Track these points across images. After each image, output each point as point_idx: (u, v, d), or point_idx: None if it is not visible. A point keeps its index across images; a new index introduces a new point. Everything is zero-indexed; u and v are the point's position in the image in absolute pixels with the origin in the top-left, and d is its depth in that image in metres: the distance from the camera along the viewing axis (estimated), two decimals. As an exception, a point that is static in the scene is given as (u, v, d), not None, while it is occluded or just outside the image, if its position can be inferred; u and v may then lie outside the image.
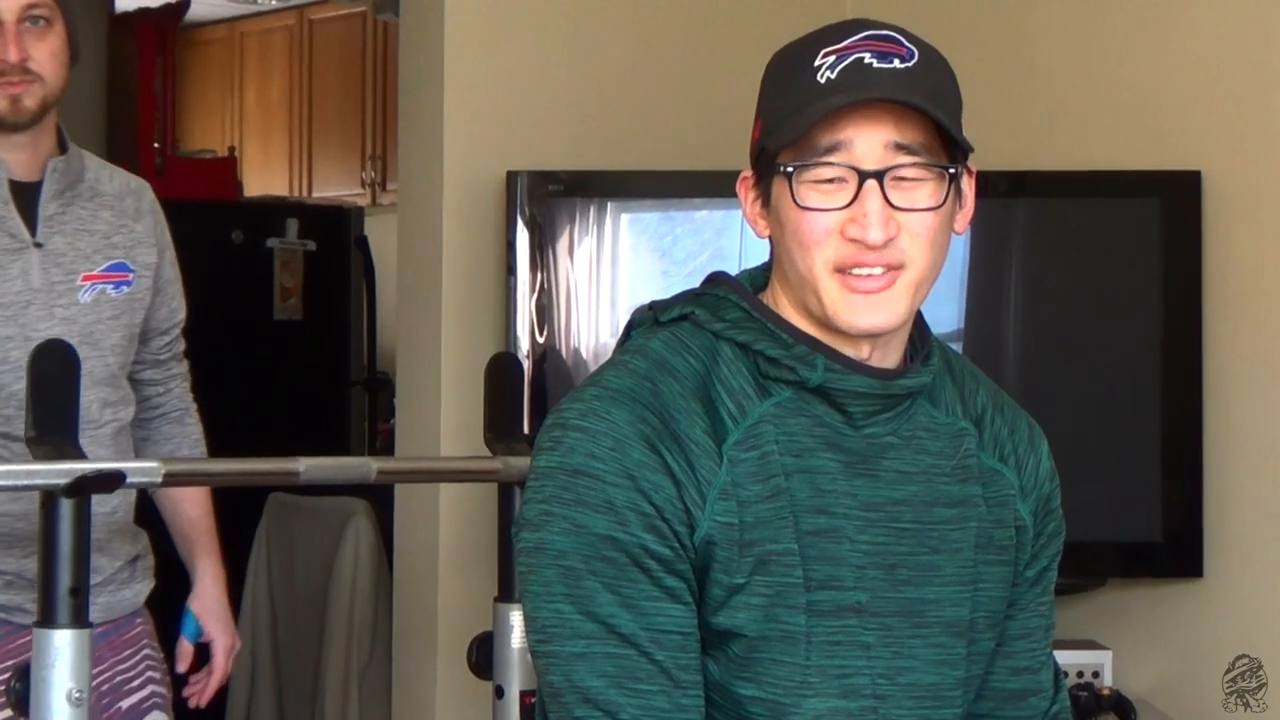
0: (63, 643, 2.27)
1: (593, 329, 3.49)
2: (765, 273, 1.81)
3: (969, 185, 1.77)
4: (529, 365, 3.38)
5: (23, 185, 2.74)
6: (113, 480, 2.35)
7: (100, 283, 2.78)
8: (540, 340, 3.44)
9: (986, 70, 3.61)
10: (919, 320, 1.81)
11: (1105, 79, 3.58)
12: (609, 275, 3.49)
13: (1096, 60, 3.59)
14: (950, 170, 1.71)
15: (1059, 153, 3.59)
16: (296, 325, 5.99)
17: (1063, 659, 2.08)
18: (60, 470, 2.29)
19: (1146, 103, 3.51)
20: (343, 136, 7.56)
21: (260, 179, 7.59)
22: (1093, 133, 3.58)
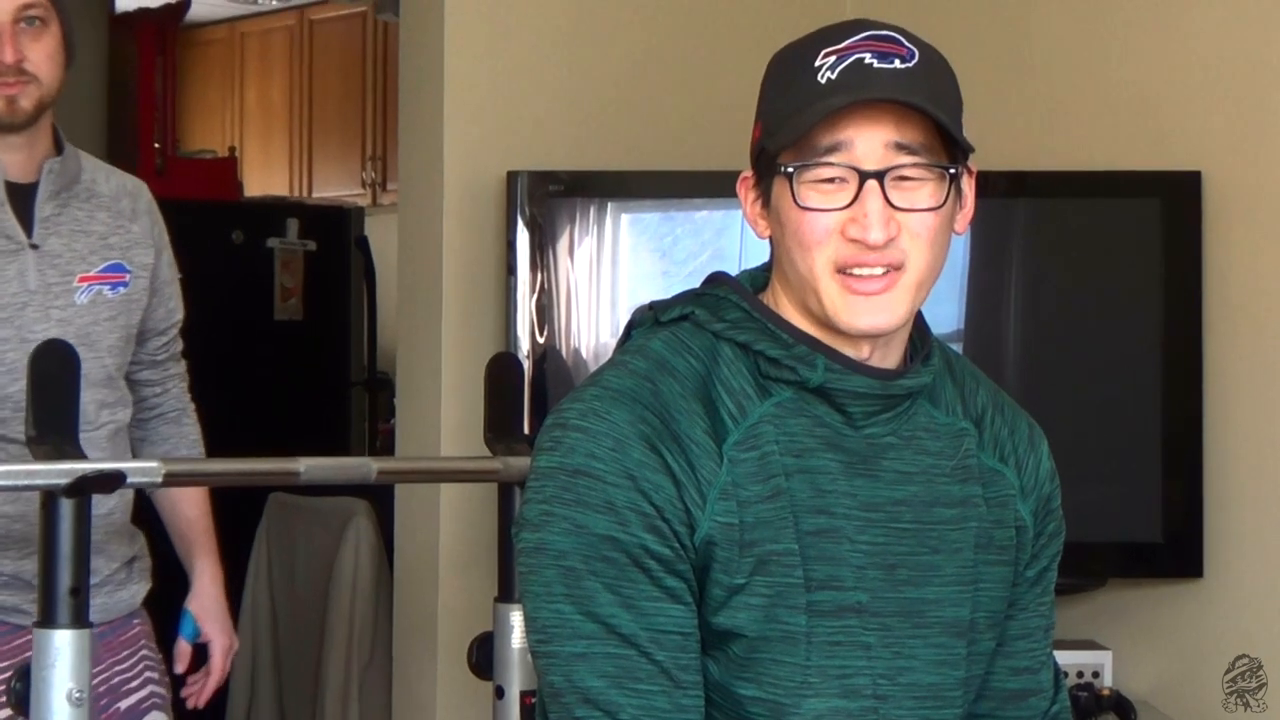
0: (63, 643, 2.27)
1: (593, 329, 3.49)
2: (765, 273, 1.81)
3: (969, 185, 1.77)
4: (529, 365, 3.38)
5: (19, 187, 2.73)
6: (113, 480, 2.35)
7: (97, 284, 2.77)
8: (540, 340, 3.43)
9: (987, 70, 3.61)
10: (919, 320, 1.81)
11: (1106, 79, 3.57)
12: (609, 275, 3.49)
13: (1097, 60, 3.59)
14: (951, 170, 1.71)
15: (1059, 153, 3.59)
16: (297, 325, 5.99)
17: (1063, 659, 2.08)
18: (61, 470, 2.28)
19: (1147, 103, 3.51)
20: (343, 137, 7.56)
21: (260, 179, 7.59)
22: (1093, 133, 3.58)
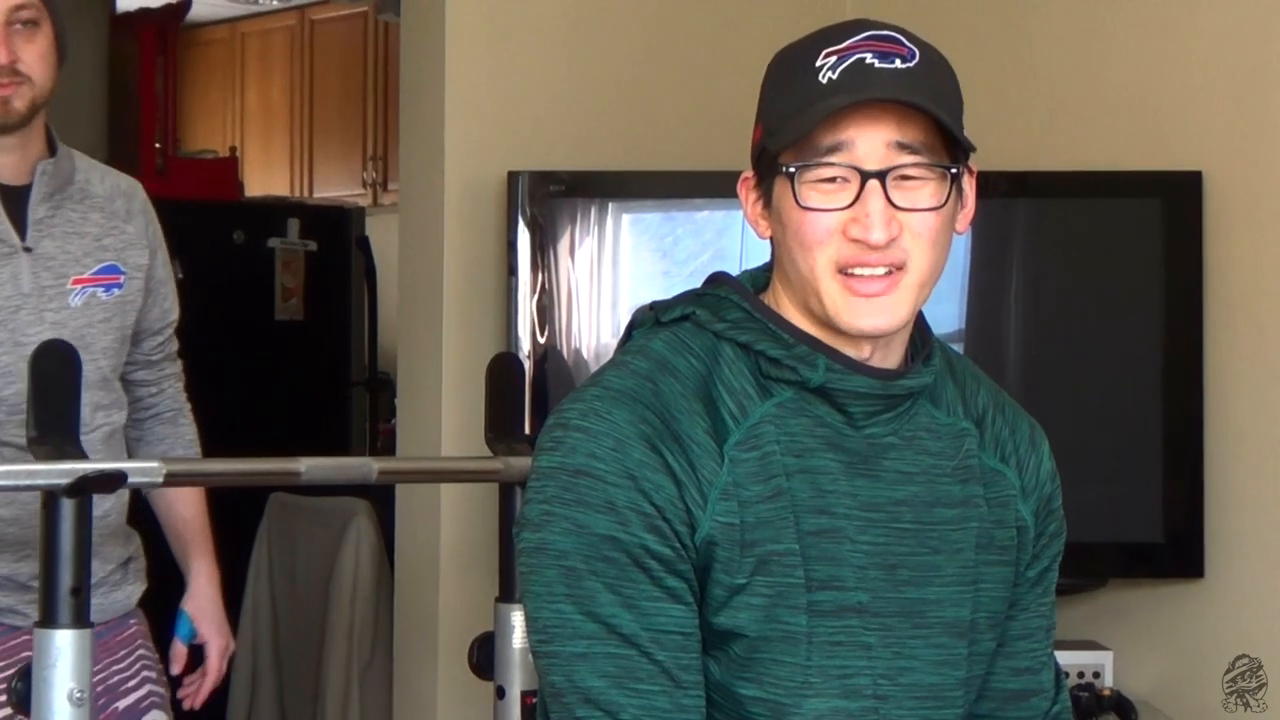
0: (64, 643, 2.27)
1: (594, 329, 3.49)
2: (766, 273, 1.81)
3: (970, 185, 1.77)
4: (530, 365, 3.38)
5: (11, 189, 2.71)
6: (115, 480, 2.35)
7: (91, 286, 2.75)
8: (541, 340, 3.43)
9: (987, 70, 3.61)
10: (920, 320, 1.81)
11: (1106, 79, 3.57)
12: (610, 275, 3.49)
13: (1097, 61, 3.59)
14: (952, 170, 1.71)
15: (1060, 153, 3.59)
16: (297, 325, 5.99)
17: (1064, 659, 2.08)
18: (62, 470, 2.28)
19: (1147, 103, 3.51)
20: (344, 137, 7.56)
21: (261, 179, 7.59)
22: (1094, 133, 3.58)
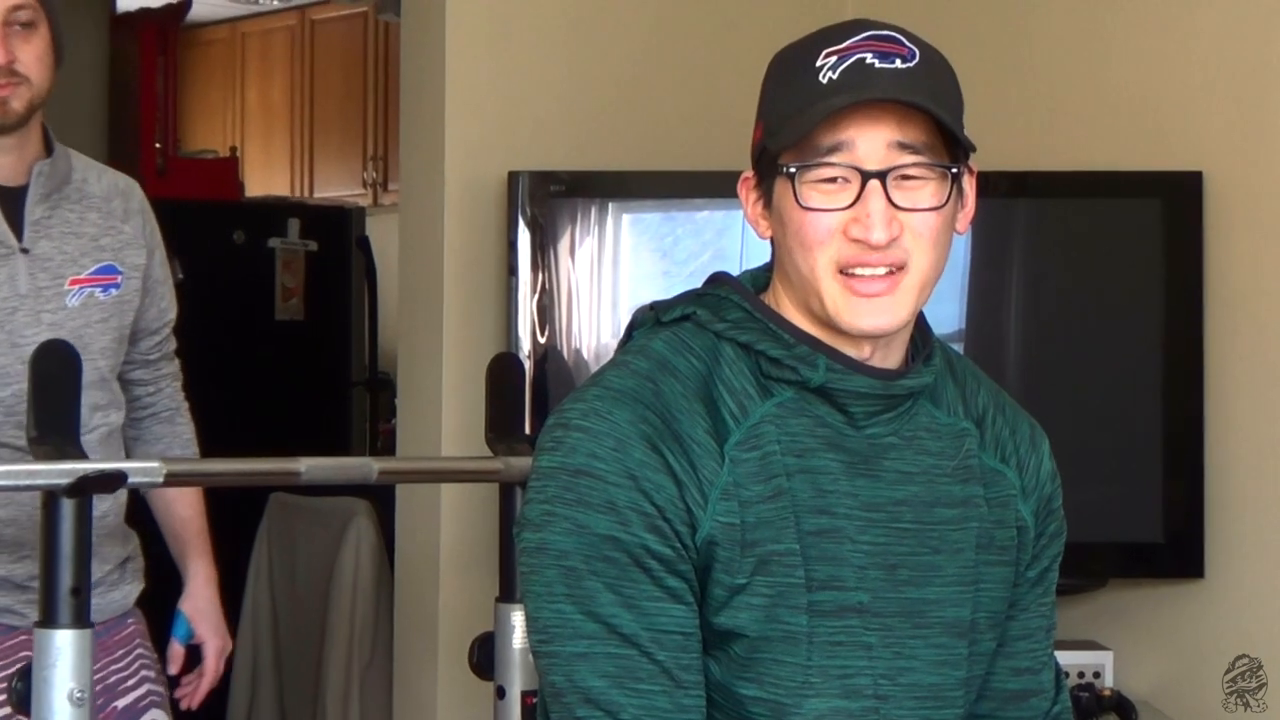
0: (64, 643, 2.27)
1: (594, 329, 3.49)
2: (767, 273, 1.81)
3: (970, 185, 1.77)
4: (530, 365, 3.38)
5: (8, 190, 2.71)
6: (115, 480, 2.35)
7: (88, 286, 2.75)
8: (542, 340, 3.43)
9: (987, 70, 3.61)
10: (920, 320, 1.81)
11: (1106, 79, 3.57)
12: (610, 275, 3.49)
13: (1097, 60, 3.59)
14: (953, 170, 1.71)
15: (1060, 153, 3.58)
16: (298, 325, 5.99)
17: (1064, 659, 2.08)
18: (62, 470, 2.28)
19: (1148, 103, 3.51)
20: (344, 137, 7.56)
21: (262, 179, 7.59)
22: (1094, 133, 3.58)
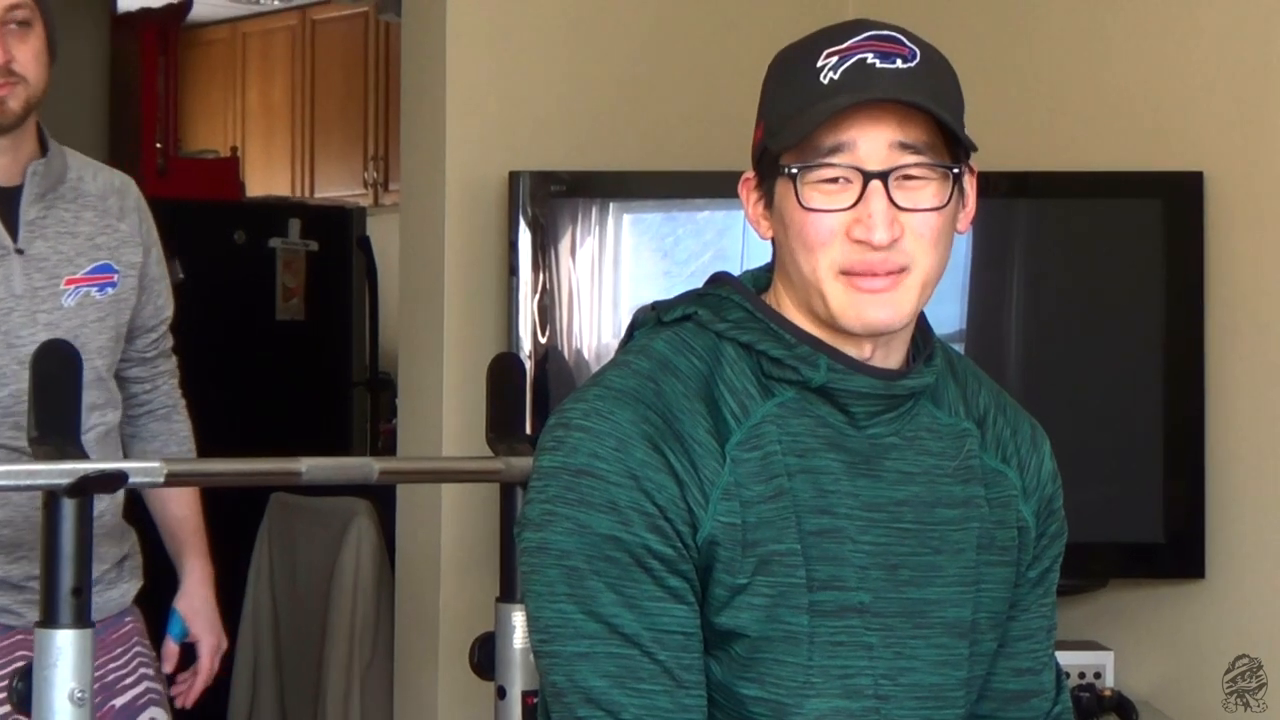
0: (65, 642, 2.27)
1: (595, 329, 3.49)
2: (768, 273, 1.81)
3: (971, 185, 1.77)
4: (531, 365, 3.38)
5: (3, 190, 2.70)
6: (116, 480, 2.35)
7: (84, 285, 2.74)
8: (542, 340, 3.43)
9: (988, 70, 3.61)
10: (921, 321, 1.81)
11: (1107, 79, 3.57)
12: (611, 276, 3.49)
13: (1098, 60, 3.59)
14: (954, 170, 1.71)
15: (1061, 153, 3.58)
16: (298, 325, 5.99)
17: (1064, 660, 2.08)
18: (63, 470, 2.28)
19: (1148, 103, 3.51)
20: (345, 137, 7.56)
21: (262, 179, 7.59)
22: (1095, 133, 3.58)
